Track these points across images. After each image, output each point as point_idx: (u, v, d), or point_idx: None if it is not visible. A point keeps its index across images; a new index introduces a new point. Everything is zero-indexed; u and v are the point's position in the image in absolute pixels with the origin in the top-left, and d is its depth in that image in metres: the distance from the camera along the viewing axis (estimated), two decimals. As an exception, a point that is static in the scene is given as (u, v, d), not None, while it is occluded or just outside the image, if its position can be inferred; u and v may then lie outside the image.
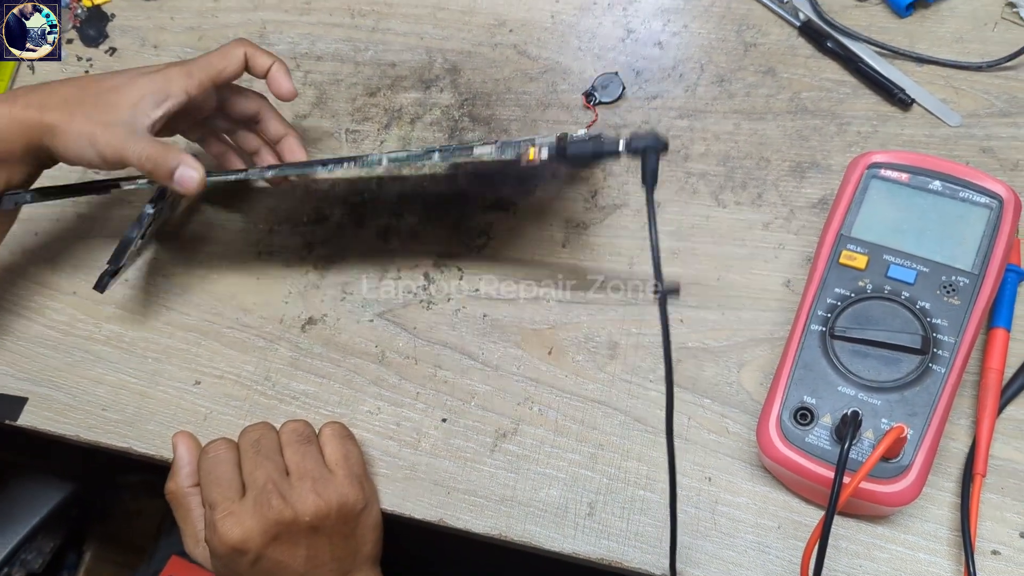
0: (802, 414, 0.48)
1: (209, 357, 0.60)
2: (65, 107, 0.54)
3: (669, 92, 0.66)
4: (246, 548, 0.49)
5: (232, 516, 0.49)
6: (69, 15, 0.80)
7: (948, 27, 0.64)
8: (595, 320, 0.57)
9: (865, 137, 0.61)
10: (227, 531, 0.49)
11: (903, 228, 0.51)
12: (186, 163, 0.53)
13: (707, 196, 0.61)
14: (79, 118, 0.53)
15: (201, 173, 0.53)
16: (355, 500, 0.51)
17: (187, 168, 0.53)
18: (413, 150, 0.51)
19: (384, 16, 0.75)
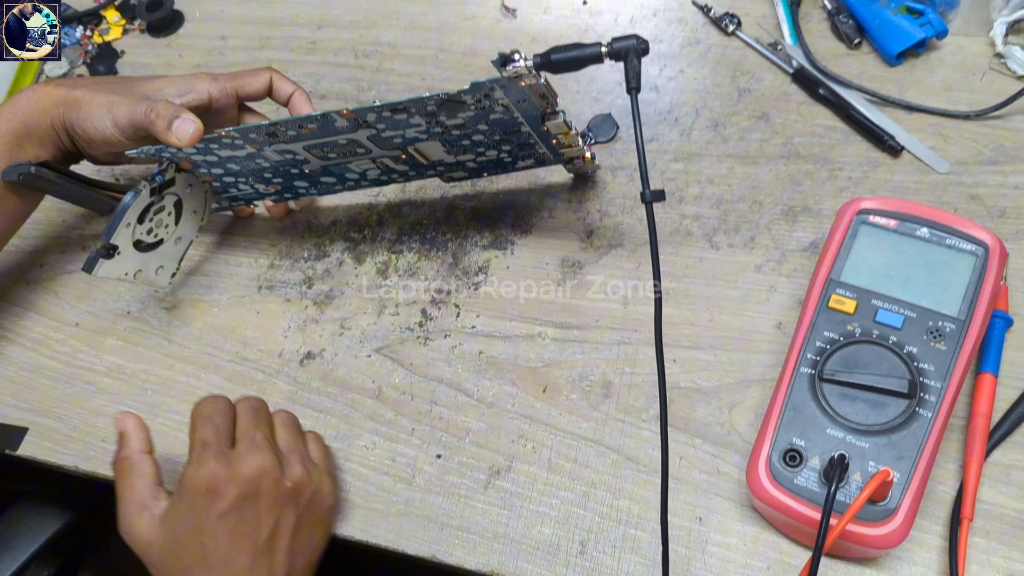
0: (791, 456, 0.49)
1: (208, 390, 0.61)
2: (93, 85, 0.60)
3: (665, 135, 0.67)
4: (224, 492, 0.48)
5: (223, 456, 0.48)
6: (80, 51, 0.82)
7: (937, 76, 0.66)
8: (589, 359, 0.58)
9: (856, 182, 0.62)
10: (213, 468, 0.48)
11: (891, 273, 0.52)
12: (185, 115, 0.56)
13: (701, 238, 0.62)
14: (103, 91, 0.59)
15: (198, 125, 0.56)
16: (330, 492, 0.52)
17: (186, 119, 0.56)
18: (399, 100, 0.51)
19: (388, 57, 0.77)
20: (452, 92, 0.50)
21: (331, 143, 0.56)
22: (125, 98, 0.58)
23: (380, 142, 0.56)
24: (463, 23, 0.78)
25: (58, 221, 0.72)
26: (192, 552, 0.48)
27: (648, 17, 0.74)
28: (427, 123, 0.54)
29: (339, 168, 0.61)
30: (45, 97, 0.59)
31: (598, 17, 0.75)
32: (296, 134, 0.55)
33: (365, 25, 0.79)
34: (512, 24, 0.77)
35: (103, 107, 0.58)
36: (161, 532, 0.49)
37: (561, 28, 0.75)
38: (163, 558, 0.49)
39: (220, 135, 0.55)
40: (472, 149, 0.59)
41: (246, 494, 0.48)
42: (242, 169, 0.60)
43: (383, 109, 0.52)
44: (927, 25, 0.66)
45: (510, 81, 0.49)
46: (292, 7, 0.82)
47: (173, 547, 0.49)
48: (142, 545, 0.49)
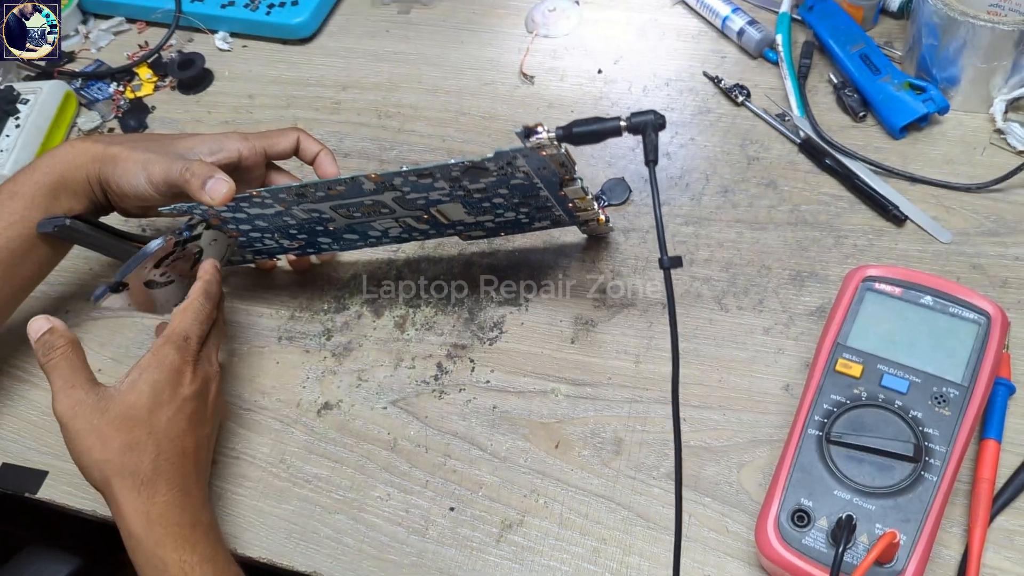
0: (799, 516, 0.50)
1: (226, 437, 0.62)
2: (129, 142, 0.62)
3: (676, 200, 0.69)
4: (187, 381, 0.54)
5: (191, 352, 0.55)
6: (112, 105, 0.85)
7: (939, 150, 0.69)
8: (601, 416, 0.60)
9: (861, 250, 0.64)
10: (184, 358, 0.54)
11: (896, 339, 0.54)
12: (219, 176, 0.58)
13: (710, 300, 0.64)
14: (140, 149, 0.61)
15: (231, 185, 0.58)
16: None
17: (220, 179, 0.58)
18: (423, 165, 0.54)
19: (409, 118, 0.80)
20: (476, 159, 0.52)
21: (357, 203, 0.59)
22: (160, 156, 0.60)
23: (404, 203, 0.59)
24: (482, 88, 0.81)
25: (84, 269, 0.74)
26: (146, 424, 0.52)
27: (660, 86, 0.77)
28: (450, 187, 0.56)
29: (362, 226, 0.63)
30: (83, 152, 0.61)
31: (612, 85, 0.78)
32: (324, 195, 0.57)
33: (388, 88, 0.83)
34: (529, 90, 0.80)
35: (139, 164, 0.60)
36: (109, 405, 0.52)
37: (576, 95, 0.78)
38: (105, 431, 0.51)
39: (252, 195, 0.58)
40: (492, 211, 0.61)
41: (202, 391, 0.55)
42: (269, 226, 0.62)
43: (409, 174, 0.54)
44: (929, 101, 0.68)
45: (532, 151, 0.51)
46: (318, 69, 0.85)
47: (123, 420, 0.51)
48: (79, 418, 0.51)
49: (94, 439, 0.51)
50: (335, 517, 0.58)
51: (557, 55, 0.82)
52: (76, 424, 0.51)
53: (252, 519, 0.59)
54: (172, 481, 0.51)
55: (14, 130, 0.79)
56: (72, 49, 0.92)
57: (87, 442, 0.51)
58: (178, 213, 0.60)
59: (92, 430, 0.51)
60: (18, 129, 0.79)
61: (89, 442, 0.51)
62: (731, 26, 0.78)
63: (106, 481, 0.51)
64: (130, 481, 0.50)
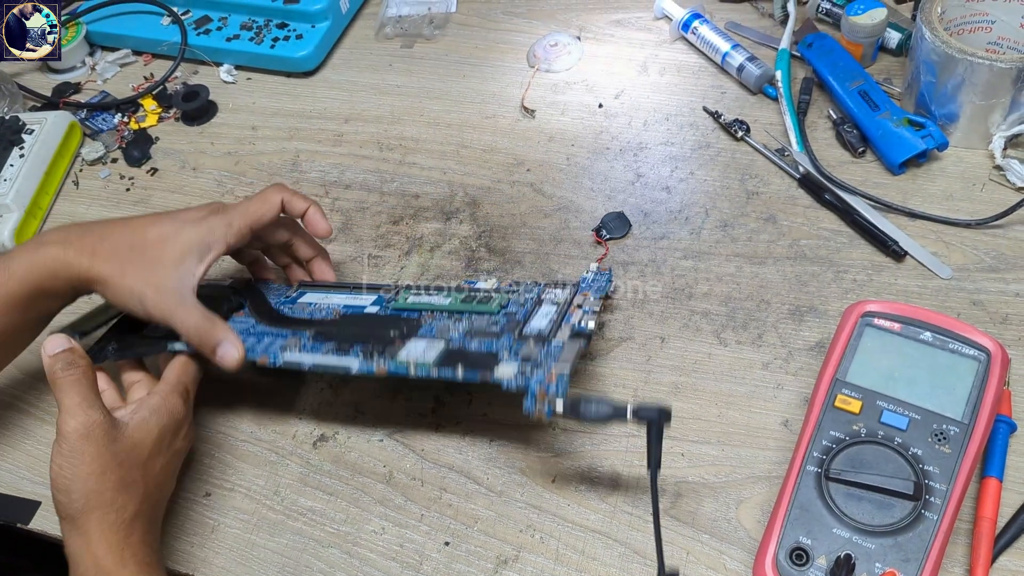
0: (798, 554, 0.49)
1: (221, 469, 0.62)
2: (115, 259, 0.57)
3: (675, 233, 0.70)
4: (182, 436, 0.55)
5: (189, 407, 0.57)
6: (116, 136, 0.86)
7: (939, 186, 0.69)
8: (598, 451, 0.59)
9: (861, 285, 0.64)
10: (187, 412, 0.56)
11: (896, 375, 0.53)
12: (229, 341, 0.57)
13: (709, 334, 0.63)
14: (130, 275, 0.56)
15: (241, 352, 0.57)
16: None
17: (229, 346, 0.57)
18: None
19: (410, 151, 0.80)
20: (493, 378, 0.52)
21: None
22: (157, 293, 0.56)
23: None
24: (484, 121, 0.81)
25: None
26: (142, 467, 0.52)
27: (661, 121, 0.78)
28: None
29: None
30: (64, 266, 0.57)
31: (613, 119, 0.79)
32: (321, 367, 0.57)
33: (390, 120, 0.83)
34: (531, 124, 0.80)
35: (134, 297, 0.57)
36: (118, 436, 0.52)
37: (577, 129, 0.79)
38: (108, 461, 0.50)
39: (257, 363, 0.58)
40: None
41: (187, 448, 0.56)
42: None
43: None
44: (928, 137, 0.69)
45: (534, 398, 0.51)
46: (321, 102, 0.86)
47: (126, 456, 0.51)
48: (91, 440, 0.50)
49: (96, 466, 0.50)
50: (329, 551, 0.57)
51: (558, 89, 0.83)
52: (86, 446, 0.50)
53: (245, 552, 0.58)
54: (147, 523, 0.52)
55: (18, 160, 0.80)
56: (78, 80, 0.93)
57: (88, 467, 0.50)
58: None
59: (98, 456, 0.50)
60: (22, 159, 0.80)
61: (90, 468, 0.50)
62: (731, 62, 0.79)
63: (86, 511, 0.49)
64: (113, 516, 0.50)
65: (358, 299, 0.64)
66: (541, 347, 0.53)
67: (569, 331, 0.55)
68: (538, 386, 0.50)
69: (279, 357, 0.57)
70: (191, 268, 0.58)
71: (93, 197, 0.82)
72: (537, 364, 0.51)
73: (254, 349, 0.58)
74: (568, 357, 0.51)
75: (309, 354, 0.57)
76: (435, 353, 0.54)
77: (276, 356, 0.57)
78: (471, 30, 0.91)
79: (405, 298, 0.63)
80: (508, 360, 0.52)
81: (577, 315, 0.57)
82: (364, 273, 0.71)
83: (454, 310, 0.60)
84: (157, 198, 0.81)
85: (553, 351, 0.53)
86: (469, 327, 0.57)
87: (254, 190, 0.79)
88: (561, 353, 0.52)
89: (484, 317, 0.59)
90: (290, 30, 0.89)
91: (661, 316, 0.65)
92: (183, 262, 0.57)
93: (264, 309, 0.64)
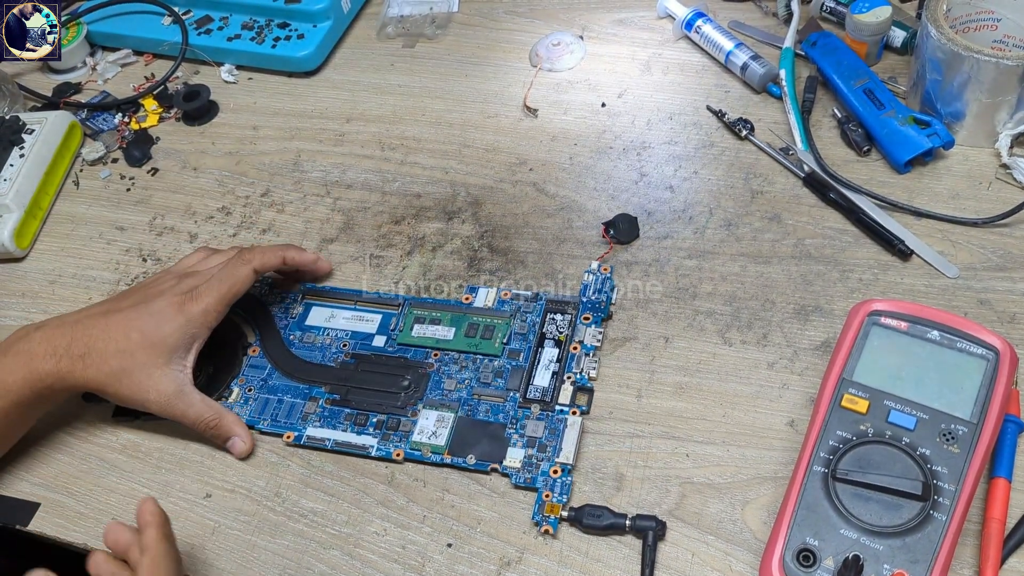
0: (804, 556, 0.48)
1: (222, 471, 0.62)
2: (107, 367, 0.59)
3: (679, 233, 0.69)
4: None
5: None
6: (116, 136, 0.86)
7: (945, 184, 0.68)
8: (602, 451, 0.58)
9: (867, 284, 0.64)
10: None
11: (903, 375, 0.53)
12: (238, 435, 0.61)
13: (714, 334, 0.63)
14: (126, 383, 0.59)
15: (250, 444, 0.61)
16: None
17: (238, 440, 0.61)
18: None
19: (412, 150, 0.80)
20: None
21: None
22: (159, 397, 0.59)
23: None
24: (486, 121, 0.81)
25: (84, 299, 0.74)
26: None
27: (664, 120, 0.77)
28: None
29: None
30: (59, 380, 0.59)
31: (616, 119, 0.79)
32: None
33: (392, 120, 0.83)
34: (533, 123, 0.80)
35: (136, 401, 0.60)
36: None
37: (580, 128, 0.78)
38: None
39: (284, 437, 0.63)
40: None
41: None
42: None
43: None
44: (934, 135, 0.68)
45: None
46: (323, 101, 0.86)
47: None
48: None
49: None
50: (330, 553, 0.57)
51: (561, 89, 0.82)
52: None
53: (246, 554, 0.57)
54: None
55: (18, 159, 0.79)
56: (79, 80, 0.93)
57: None
58: None
59: None
60: (22, 159, 0.79)
61: None
62: (735, 61, 0.78)
63: None
64: None
65: (362, 320, 0.67)
66: (545, 418, 0.59)
67: (572, 388, 0.60)
68: (544, 491, 0.56)
69: (304, 434, 0.62)
70: (182, 362, 0.61)
71: (93, 197, 0.82)
72: (543, 456, 0.58)
73: (276, 418, 0.63)
74: (570, 448, 0.57)
75: (331, 431, 0.61)
76: (446, 431, 0.60)
77: (302, 433, 0.62)
78: (473, 30, 0.90)
79: (409, 326, 0.65)
80: (514, 444, 0.58)
81: (579, 361, 0.62)
82: (366, 273, 0.71)
83: (459, 350, 0.64)
84: (158, 198, 0.80)
85: (555, 425, 0.59)
86: (475, 376, 0.62)
87: (256, 191, 0.79)
88: (563, 440, 0.58)
89: (488, 363, 0.63)
90: (291, 30, 0.89)
91: (665, 316, 0.64)
92: (172, 360, 0.60)
93: (278, 352, 0.66)
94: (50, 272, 0.76)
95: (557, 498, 0.56)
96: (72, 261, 0.77)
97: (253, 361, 0.66)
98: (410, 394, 0.62)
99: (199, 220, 0.78)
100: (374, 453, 0.60)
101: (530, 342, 0.63)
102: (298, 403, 0.63)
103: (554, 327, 0.63)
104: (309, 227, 0.75)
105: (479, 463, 0.58)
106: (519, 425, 0.59)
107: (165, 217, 0.78)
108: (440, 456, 0.59)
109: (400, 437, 0.60)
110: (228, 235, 0.76)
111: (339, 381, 0.64)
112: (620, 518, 0.54)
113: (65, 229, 0.79)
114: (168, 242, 0.76)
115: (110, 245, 0.77)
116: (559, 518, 0.55)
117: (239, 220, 0.77)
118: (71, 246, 0.78)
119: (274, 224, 0.76)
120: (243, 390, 0.65)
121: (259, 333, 0.67)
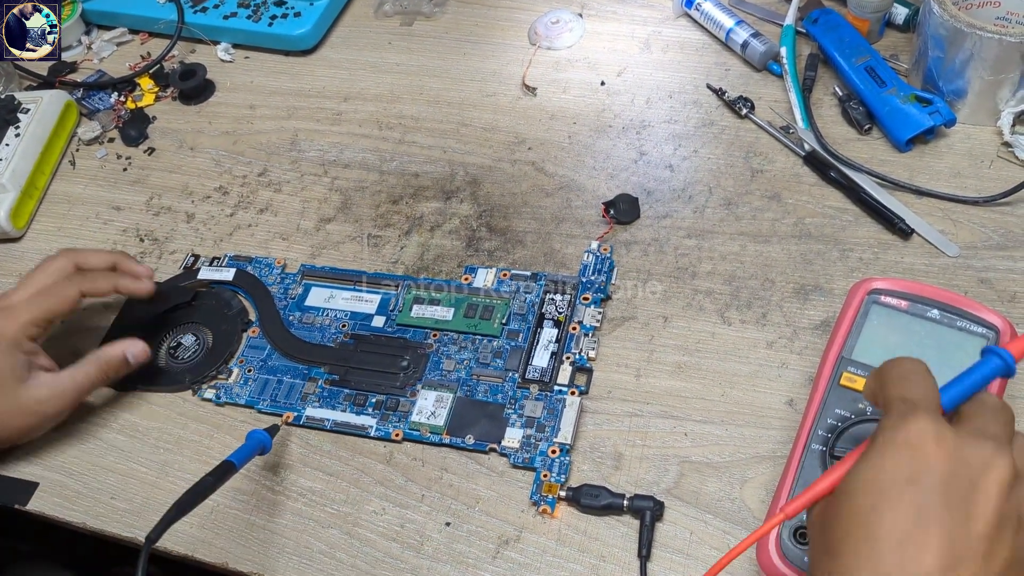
0: (802, 534, 0.48)
1: (220, 450, 0.61)
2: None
3: (678, 212, 0.69)
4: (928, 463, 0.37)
5: (938, 422, 0.38)
6: (113, 116, 0.85)
7: (946, 163, 0.68)
8: (601, 430, 0.58)
9: (867, 263, 0.63)
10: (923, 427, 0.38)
11: (902, 353, 0.52)
12: (124, 349, 0.61)
13: (713, 313, 0.63)
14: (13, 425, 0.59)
15: (143, 343, 0.62)
16: None
17: (131, 348, 0.62)
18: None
19: (410, 129, 0.79)
20: None
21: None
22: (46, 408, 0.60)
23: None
24: (484, 100, 0.80)
25: (81, 279, 0.73)
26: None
27: (664, 99, 0.77)
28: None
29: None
30: None
31: (615, 97, 0.78)
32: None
33: (389, 99, 0.82)
34: (532, 102, 0.79)
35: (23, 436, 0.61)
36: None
37: (579, 107, 0.78)
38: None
39: (283, 416, 0.63)
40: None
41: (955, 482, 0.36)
42: None
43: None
44: (935, 113, 0.67)
45: None
46: (320, 80, 0.85)
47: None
48: None
49: None
50: (329, 531, 0.57)
51: (560, 67, 0.82)
52: None
53: (244, 533, 0.58)
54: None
55: (13, 139, 0.79)
56: (74, 59, 0.92)
57: None
58: None
59: None
60: (17, 138, 0.79)
61: None
62: (735, 39, 0.78)
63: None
64: None
65: (362, 300, 0.67)
66: (543, 398, 0.59)
67: (571, 368, 0.60)
68: (542, 471, 0.56)
69: (303, 414, 0.62)
70: (28, 368, 0.59)
71: (90, 177, 0.81)
72: (542, 436, 0.58)
73: (276, 398, 0.63)
74: (568, 428, 0.57)
75: (330, 411, 0.61)
76: (445, 412, 0.60)
77: (301, 414, 0.62)
78: (471, 8, 0.89)
79: (408, 306, 0.65)
80: (513, 424, 0.58)
81: (578, 341, 0.61)
82: (364, 253, 0.71)
83: (458, 331, 0.63)
84: (155, 178, 0.80)
85: (553, 405, 0.59)
86: (474, 357, 0.62)
87: (253, 170, 0.78)
88: (561, 420, 0.58)
89: (487, 343, 0.62)
90: (288, 8, 0.88)
91: (664, 295, 0.64)
92: (20, 376, 0.59)
93: (278, 333, 0.66)
94: (47, 252, 0.75)
95: (555, 478, 0.56)
96: (69, 241, 0.76)
97: (252, 342, 0.66)
98: (409, 374, 0.62)
99: (196, 200, 0.77)
100: (373, 433, 0.60)
101: (529, 322, 0.63)
102: (297, 383, 0.63)
103: (553, 307, 0.63)
104: (307, 207, 0.75)
105: (478, 443, 0.58)
106: (518, 405, 0.59)
107: (162, 197, 0.78)
108: (439, 436, 0.59)
109: (399, 417, 0.60)
110: (225, 215, 0.75)
111: (338, 361, 0.64)
112: (618, 498, 0.54)
113: (61, 209, 0.79)
114: (165, 222, 0.76)
115: (107, 225, 0.77)
116: (557, 498, 0.55)
117: (236, 200, 0.76)
118: (68, 226, 0.78)
119: (271, 204, 0.76)
120: (243, 370, 0.64)
121: (259, 313, 0.67)
